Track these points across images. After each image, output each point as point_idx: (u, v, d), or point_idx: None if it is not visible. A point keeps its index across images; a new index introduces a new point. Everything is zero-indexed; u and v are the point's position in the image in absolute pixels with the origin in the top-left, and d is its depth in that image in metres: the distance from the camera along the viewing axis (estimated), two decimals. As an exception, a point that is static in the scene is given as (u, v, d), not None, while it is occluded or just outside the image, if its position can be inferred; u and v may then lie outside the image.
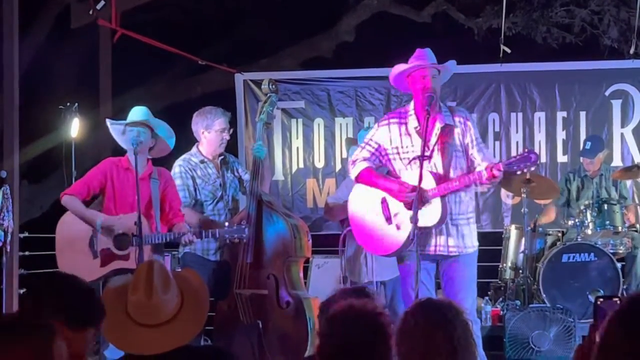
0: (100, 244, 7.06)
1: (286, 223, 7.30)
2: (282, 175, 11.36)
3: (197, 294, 3.84)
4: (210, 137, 7.57)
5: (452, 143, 6.53)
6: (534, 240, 9.46)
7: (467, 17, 12.89)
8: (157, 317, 3.70)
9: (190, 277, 3.94)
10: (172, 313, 3.73)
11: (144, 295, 3.68)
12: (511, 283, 9.42)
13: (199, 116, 7.64)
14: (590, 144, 9.74)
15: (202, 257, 7.40)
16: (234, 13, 13.55)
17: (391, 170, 6.66)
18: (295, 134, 11.42)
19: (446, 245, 6.52)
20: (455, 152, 6.54)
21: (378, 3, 12.98)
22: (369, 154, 6.69)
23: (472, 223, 6.67)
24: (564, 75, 11.09)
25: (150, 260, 3.88)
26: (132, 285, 3.73)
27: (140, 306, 3.69)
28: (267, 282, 7.19)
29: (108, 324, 3.73)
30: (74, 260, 7.05)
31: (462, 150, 6.57)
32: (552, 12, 12.57)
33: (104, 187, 7.15)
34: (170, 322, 3.72)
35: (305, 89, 11.42)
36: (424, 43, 6.82)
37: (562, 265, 8.93)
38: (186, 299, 3.79)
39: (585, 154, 9.70)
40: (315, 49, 13.29)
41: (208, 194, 7.50)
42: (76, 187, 7.25)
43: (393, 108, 11.10)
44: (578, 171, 9.83)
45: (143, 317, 3.70)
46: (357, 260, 8.17)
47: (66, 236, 7.10)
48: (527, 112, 11.08)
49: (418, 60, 6.58)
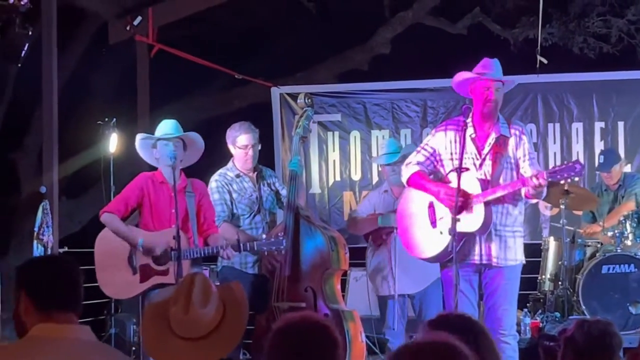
0: (140, 259, 7.06)
1: (323, 236, 7.28)
2: (319, 188, 11.37)
3: (239, 308, 3.82)
4: (236, 153, 7.60)
5: (504, 154, 6.53)
6: (573, 251, 9.41)
7: (503, 28, 12.89)
8: (196, 331, 3.69)
9: (235, 290, 3.91)
10: (211, 326, 3.70)
11: (182, 309, 3.66)
12: (550, 295, 9.37)
13: (229, 131, 7.66)
14: (603, 157, 9.73)
15: (240, 270, 7.40)
16: (270, 27, 13.57)
17: (443, 175, 6.66)
18: (331, 146, 11.43)
19: (489, 255, 6.48)
20: (506, 163, 6.53)
21: (413, 15, 12.97)
22: (424, 158, 6.71)
23: (517, 237, 6.62)
24: (602, 86, 11.04)
25: (194, 273, 3.86)
26: (173, 298, 3.72)
27: (178, 320, 3.68)
28: (305, 295, 7.17)
29: (149, 337, 3.74)
30: (114, 276, 7.07)
31: (514, 162, 6.56)
32: (588, 22, 12.54)
33: (141, 202, 7.15)
34: (209, 335, 3.70)
35: (342, 101, 11.44)
36: (460, 55, 6.81)
37: (602, 276, 8.86)
38: (228, 312, 3.77)
39: (601, 168, 9.69)
40: (351, 61, 13.29)
41: (245, 207, 7.49)
42: (115, 204, 7.24)
43: (429, 120, 11.13)
44: (599, 186, 9.76)
45: (182, 331, 3.68)
46: (380, 273, 8.15)
47: (105, 252, 7.09)
48: (565, 122, 11.04)
49: (483, 70, 6.56)
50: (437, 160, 6.68)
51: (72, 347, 3.54)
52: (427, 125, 11.13)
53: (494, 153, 6.52)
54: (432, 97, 11.26)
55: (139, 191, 7.16)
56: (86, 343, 3.62)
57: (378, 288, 8.17)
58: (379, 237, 8.10)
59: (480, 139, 6.58)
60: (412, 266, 7.56)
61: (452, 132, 6.63)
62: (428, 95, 11.28)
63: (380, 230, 8.05)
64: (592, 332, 3.90)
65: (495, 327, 6.39)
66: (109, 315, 9.47)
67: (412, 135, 11.20)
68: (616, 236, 9.10)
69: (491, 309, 6.54)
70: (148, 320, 3.77)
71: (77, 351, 3.54)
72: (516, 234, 6.60)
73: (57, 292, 3.61)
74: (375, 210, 8.18)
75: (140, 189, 7.17)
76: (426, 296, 7.99)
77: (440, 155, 6.66)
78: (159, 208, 7.11)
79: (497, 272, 6.52)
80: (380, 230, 8.03)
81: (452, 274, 6.32)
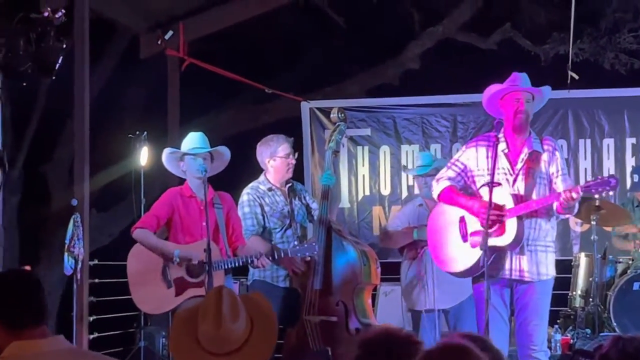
0: (173, 273, 7.10)
1: (355, 250, 7.29)
2: (348, 203, 11.36)
3: (266, 319, 3.81)
4: (277, 164, 7.59)
5: (537, 169, 6.50)
6: (604, 267, 9.37)
7: (533, 44, 12.85)
8: (227, 346, 3.68)
9: (260, 300, 3.91)
10: (241, 340, 3.70)
11: (213, 325, 3.64)
12: (581, 311, 9.33)
13: (262, 145, 7.68)
14: (637, 176, 9.63)
15: (271, 284, 7.42)
16: (300, 41, 13.61)
17: (474, 191, 6.64)
18: (361, 161, 11.43)
19: (520, 269, 6.46)
20: (539, 178, 6.51)
21: (443, 30, 12.95)
22: (454, 174, 6.69)
23: (549, 251, 6.60)
24: (633, 101, 10.98)
25: (219, 287, 3.84)
26: (202, 314, 3.70)
27: (209, 336, 3.67)
28: (336, 309, 7.17)
29: (178, 352, 3.74)
30: (149, 292, 7.12)
31: (547, 178, 6.53)
32: (619, 38, 12.51)
33: (171, 217, 7.22)
34: (239, 350, 3.70)
35: (371, 116, 11.44)
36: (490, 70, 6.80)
37: (633, 293, 8.83)
38: (256, 324, 3.76)
39: (637, 188, 9.57)
40: (381, 76, 13.29)
41: (276, 221, 7.51)
42: (146, 219, 7.29)
43: (459, 135, 11.12)
44: (630, 201, 9.72)
45: (212, 346, 3.68)
46: (415, 288, 8.12)
47: (138, 269, 7.13)
48: (596, 138, 10.99)
49: (512, 83, 6.56)
50: (468, 176, 6.67)
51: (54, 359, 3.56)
52: (457, 140, 11.13)
53: (527, 169, 6.50)
54: (462, 112, 11.23)
55: (169, 207, 7.23)
56: (64, 352, 3.64)
57: (414, 302, 8.15)
58: (414, 250, 8.08)
59: (513, 155, 6.56)
60: (447, 281, 7.50)
61: (483, 147, 6.62)
62: (458, 110, 11.26)
63: (415, 244, 8.04)
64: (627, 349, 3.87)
65: (526, 342, 6.42)
66: (139, 329, 9.49)
67: (442, 150, 11.19)
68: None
69: (522, 324, 6.51)
70: (176, 337, 3.77)
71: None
72: (548, 249, 6.59)
73: (25, 308, 3.60)
74: (410, 223, 8.18)
75: (169, 204, 7.24)
76: (461, 311, 7.95)
77: (472, 172, 6.64)
78: (189, 222, 7.18)
79: (528, 287, 6.49)
80: (416, 243, 8.02)
81: (483, 289, 6.30)
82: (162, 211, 7.24)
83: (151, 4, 11.00)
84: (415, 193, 10.41)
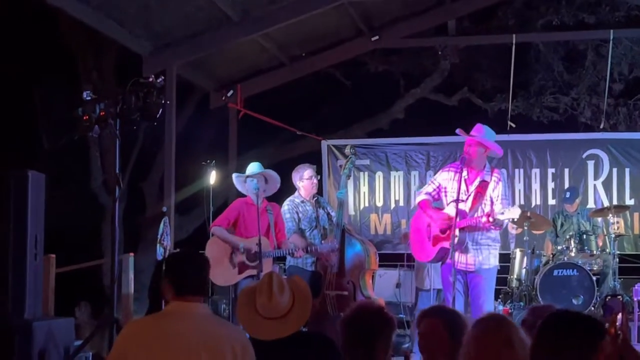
0: (237, 258, 7.15)
1: (361, 245, 7.25)
2: (353, 211, 11.38)
3: (304, 294, 3.84)
4: (305, 184, 7.57)
5: (483, 194, 6.49)
6: (532, 259, 9.33)
7: (483, 102, 12.90)
8: (277, 313, 3.71)
9: (299, 281, 3.94)
10: (287, 309, 3.74)
11: (266, 298, 3.69)
12: (516, 290, 9.29)
13: (294, 172, 7.67)
14: (569, 193, 9.65)
15: (302, 268, 7.37)
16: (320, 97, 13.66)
17: (444, 204, 6.65)
18: (362, 182, 11.46)
19: (466, 263, 6.46)
20: (484, 200, 6.48)
21: (421, 91, 12.99)
22: (432, 190, 6.71)
23: (492, 249, 6.57)
24: (553, 143, 11.03)
25: (270, 272, 3.90)
26: (258, 291, 3.74)
27: (264, 306, 3.70)
28: (347, 286, 7.11)
29: (242, 317, 3.77)
30: (220, 271, 7.12)
31: (489, 200, 6.49)
32: (544, 98, 12.59)
33: (238, 218, 7.25)
34: (286, 316, 3.73)
35: (370, 151, 11.45)
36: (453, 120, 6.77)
37: (553, 278, 8.79)
38: (296, 298, 3.79)
39: (566, 201, 9.60)
40: (377, 123, 13.30)
41: (307, 224, 7.48)
42: (220, 220, 7.33)
43: (432, 165, 11.15)
44: (561, 212, 9.67)
45: (267, 313, 3.71)
46: (422, 272, 8.13)
47: (213, 254, 7.09)
48: (527, 168, 11.01)
49: (476, 131, 6.54)
50: (442, 191, 6.68)
51: (197, 317, 3.57)
52: (430, 168, 11.14)
53: (476, 193, 6.49)
54: (433, 149, 11.24)
55: (237, 212, 7.28)
56: (206, 315, 3.65)
57: (423, 282, 8.19)
58: None
59: (469, 181, 6.54)
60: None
61: (452, 172, 6.63)
62: (431, 147, 11.27)
63: None
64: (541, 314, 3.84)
65: (478, 312, 6.36)
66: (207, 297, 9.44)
67: (419, 175, 11.21)
68: (564, 250, 9.08)
69: (474, 299, 6.52)
70: (241, 306, 3.80)
71: (201, 320, 3.57)
72: (490, 247, 6.55)
73: (189, 282, 3.63)
74: None
75: (237, 210, 7.29)
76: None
77: (446, 189, 6.66)
78: (249, 222, 7.19)
79: (475, 274, 6.50)
80: None
81: (447, 274, 6.42)
82: (232, 214, 7.29)
83: (217, 71, 11.08)
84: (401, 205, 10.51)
